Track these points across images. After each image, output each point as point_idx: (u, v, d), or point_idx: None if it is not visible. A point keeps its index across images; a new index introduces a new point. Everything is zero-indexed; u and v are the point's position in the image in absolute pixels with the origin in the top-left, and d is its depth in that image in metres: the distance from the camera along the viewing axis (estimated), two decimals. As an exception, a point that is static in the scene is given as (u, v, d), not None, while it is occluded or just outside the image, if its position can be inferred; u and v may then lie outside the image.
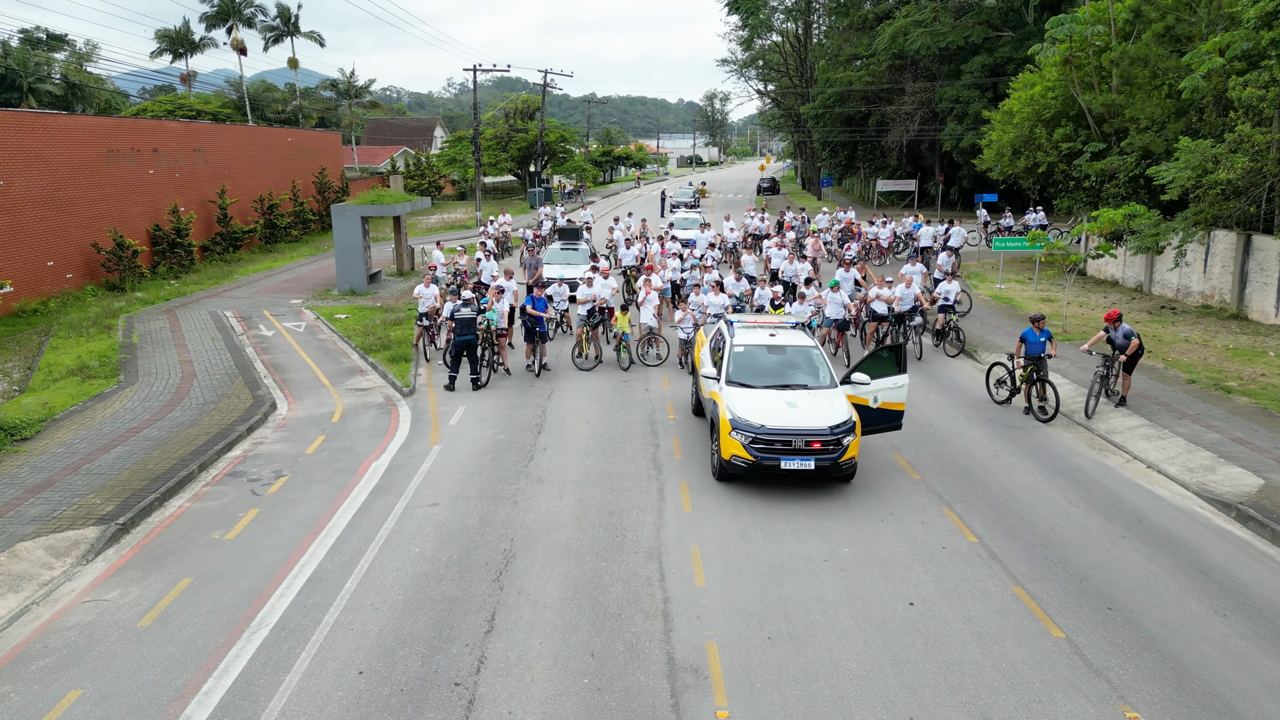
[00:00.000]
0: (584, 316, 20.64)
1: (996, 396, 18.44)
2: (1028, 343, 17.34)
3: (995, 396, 18.46)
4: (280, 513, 12.41)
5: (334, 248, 29.59)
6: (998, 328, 24.58)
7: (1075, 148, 31.75)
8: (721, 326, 15.69)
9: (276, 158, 45.53)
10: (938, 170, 63.58)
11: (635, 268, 28.32)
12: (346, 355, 21.45)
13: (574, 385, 18.92)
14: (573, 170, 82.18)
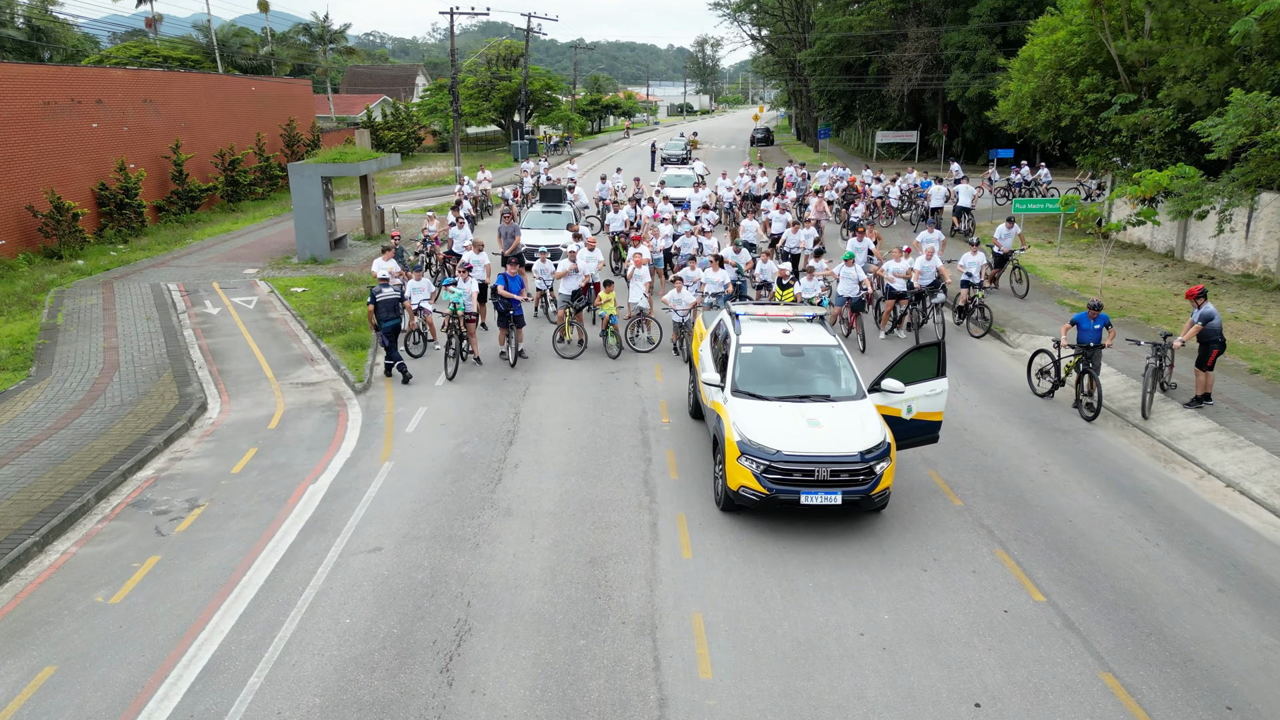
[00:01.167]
0: (567, 297, 18.20)
1: (1038, 388, 16.17)
2: (1080, 328, 15.04)
3: (1036, 388, 16.19)
4: (186, 562, 10.09)
5: (292, 210, 26.91)
6: (1024, 301, 22.24)
7: (1103, 99, 29.14)
8: (724, 318, 13.26)
9: (239, 109, 42.45)
10: (940, 121, 60.74)
11: (624, 233, 25.79)
12: (298, 339, 18.98)
13: (554, 377, 16.55)
14: (559, 120, 78.81)
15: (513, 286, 17.10)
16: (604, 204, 32.89)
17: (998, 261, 22.75)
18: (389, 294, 16.15)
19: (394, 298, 16.21)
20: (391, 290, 16.28)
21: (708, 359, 13.14)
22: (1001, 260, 22.92)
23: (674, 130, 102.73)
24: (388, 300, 16.08)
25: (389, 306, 16.09)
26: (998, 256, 22.73)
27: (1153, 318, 20.43)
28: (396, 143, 63.58)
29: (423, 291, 17.56)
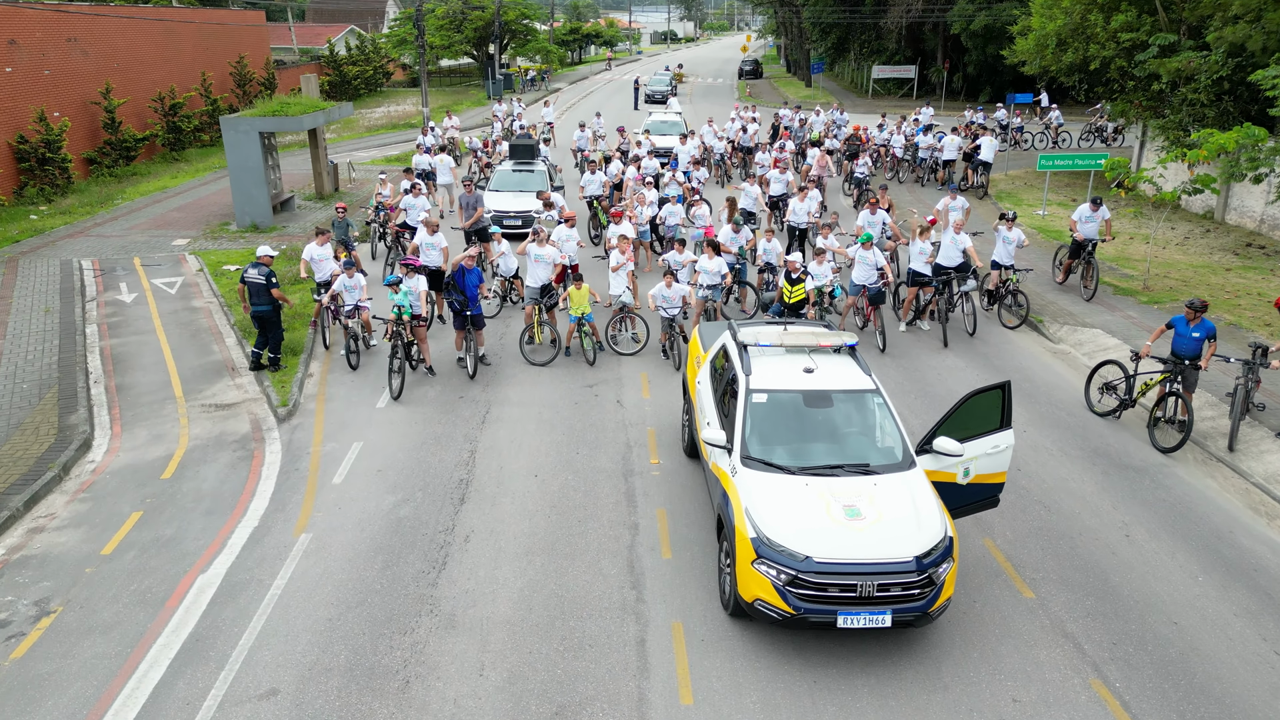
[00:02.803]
0: (535, 291, 15.38)
1: (1098, 406, 13.62)
2: (1176, 335, 12.45)
3: (1096, 406, 13.64)
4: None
5: (228, 172, 23.73)
6: (1060, 284, 19.54)
7: (1138, 40, 26.08)
8: (728, 343, 10.49)
9: (181, 46, 38.63)
10: (940, 56, 57.19)
11: (603, 198, 22.82)
12: (220, 339, 16.13)
13: (520, 394, 13.83)
14: (536, 52, 74.38)
15: (469, 281, 14.27)
16: (582, 155, 29.81)
17: (1073, 250, 18.77)
18: (254, 276, 14.17)
19: (259, 281, 14.13)
20: (258, 273, 14.15)
21: (707, 397, 10.44)
22: (1078, 249, 18.73)
23: (658, 62, 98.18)
24: (252, 283, 14.17)
25: (253, 291, 14.19)
26: (1074, 245, 18.68)
27: (1210, 304, 17.80)
28: (362, 79, 59.50)
29: (356, 290, 14.71)
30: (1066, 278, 19.21)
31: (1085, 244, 18.49)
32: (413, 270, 14.14)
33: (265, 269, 14.12)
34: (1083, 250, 18.56)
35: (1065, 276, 19.19)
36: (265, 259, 14.25)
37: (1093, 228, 18.32)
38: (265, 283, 14.04)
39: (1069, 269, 19.05)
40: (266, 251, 14.35)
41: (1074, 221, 18.48)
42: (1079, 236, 18.44)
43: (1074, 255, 18.77)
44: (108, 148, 32.08)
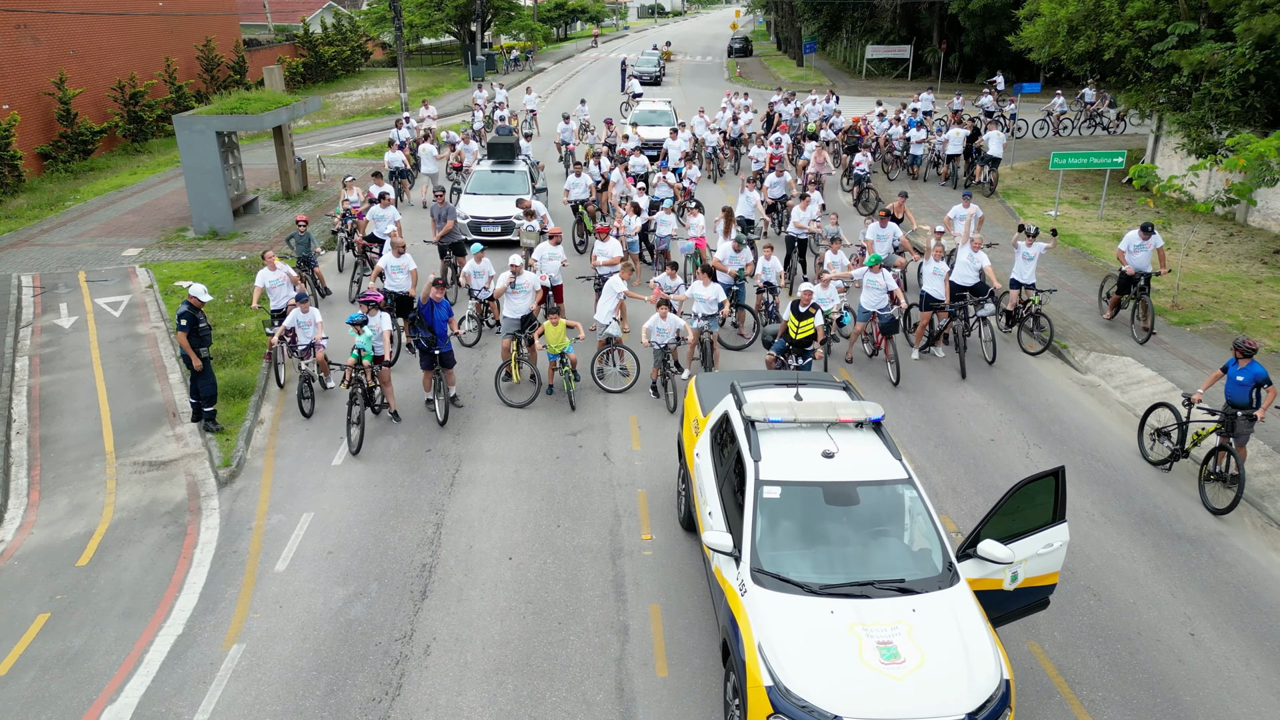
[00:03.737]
0: (514, 323, 13.85)
1: (1151, 454, 12.25)
2: (1228, 379, 11.11)
3: (1149, 454, 12.27)
4: None
5: (184, 174, 21.98)
6: (1075, 294, 18.13)
7: (1156, 29, 24.52)
8: (731, 413, 8.99)
9: (143, 30, 36.57)
10: (936, 36, 55.43)
11: (588, 202, 21.24)
12: (164, 375, 14.56)
13: (495, 446, 12.33)
14: (520, 29, 72.19)
15: (438, 316, 12.73)
16: (566, 149, 28.16)
17: (1122, 284, 16.26)
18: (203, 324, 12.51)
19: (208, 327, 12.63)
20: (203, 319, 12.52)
21: (707, 477, 8.98)
22: (1128, 283, 16.11)
23: (645, 39, 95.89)
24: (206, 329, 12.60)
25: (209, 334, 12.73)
26: (1123, 278, 16.15)
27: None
28: (339, 59, 57.37)
29: (310, 327, 13.16)
30: (1115, 314, 16.73)
31: (1136, 278, 15.93)
32: (375, 307, 12.55)
33: (183, 309, 12.31)
34: (1133, 284, 16.03)
35: (1113, 312, 16.71)
36: (194, 300, 12.37)
37: (1144, 258, 15.84)
38: (176, 325, 12.48)
39: (1117, 304, 16.60)
40: (198, 294, 12.41)
41: (1121, 251, 16.01)
42: (1129, 269, 15.88)
43: (1123, 289, 16.30)
44: (63, 141, 30.20)
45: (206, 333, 12.46)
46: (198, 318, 12.31)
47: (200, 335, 12.34)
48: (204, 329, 12.41)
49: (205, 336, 12.44)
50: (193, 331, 12.24)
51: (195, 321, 12.27)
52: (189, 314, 12.22)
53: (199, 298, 12.36)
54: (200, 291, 12.44)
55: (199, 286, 12.56)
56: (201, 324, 12.37)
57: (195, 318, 12.27)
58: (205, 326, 12.45)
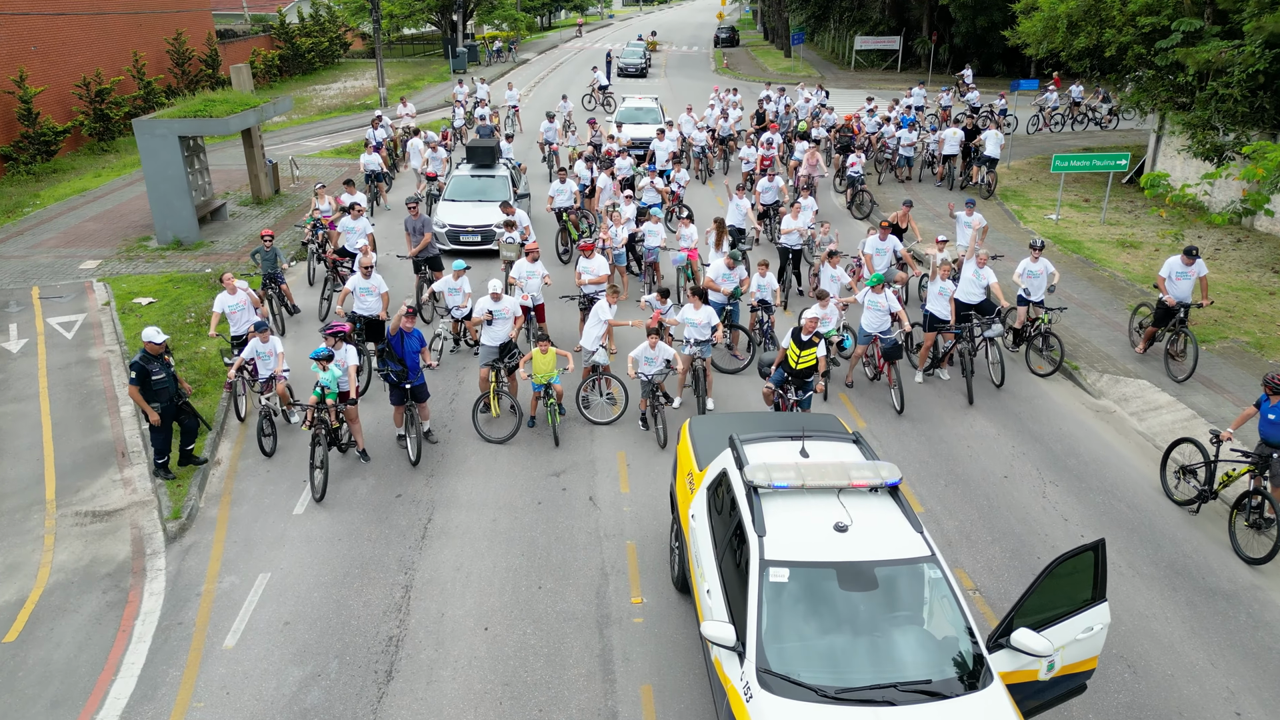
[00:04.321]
0: (493, 351, 12.89)
1: (1176, 493, 11.41)
2: (1261, 417, 10.28)
3: (1174, 493, 11.43)
4: None
5: (145, 182, 20.84)
6: (1083, 307, 17.28)
7: (1159, 25, 23.66)
8: (732, 478, 8.07)
9: (110, 24, 35.20)
10: (926, 26, 54.55)
11: (572, 209, 20.25)
12: (114, 408, 13.53)
13: (471, 491, 11.39)
14: (503, 19, 70.81)
15: (409, 346, 11.76)
16: (549, 149, 27.12)
17: (1160, 316, 14.56)
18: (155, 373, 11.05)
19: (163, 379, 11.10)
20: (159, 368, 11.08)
21: (704, 546, 8.06)
22: (1166, 314, 14.44)
23: (630, 28, 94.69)
24: (157, 382, 11.08)
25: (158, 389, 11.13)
26: (1162, 309, 14.48)
27: (1264, 342, 15.65)
28: (316, 51, 55.94)
29: (271, 358, 12.18)
30: (1148, 347, 15.10)
31: (1177, 309, 14.29)
32: (341, 339, 11.54)
33: (135, 359, 11.04)
34: (1172, 316, 14.42)
35: (1147, 345, 15.08)
36: (148, 345, 11.03)
37: (1186, 287, 14.22)
38: (168, 377, 11.16)
39: (1152, 337, 14.96)
40: (150, 338, 11.02)
41: (1161, 279, 14.42)
42: (1169, 300, 14.25)
43: (1160, 321, 14.62)
44: (24, 142, 28.95)
45: (165, 384, 11.06)
46: (150, 369, 10.94)
47: (154, 388, 11.00)
48: (159, 380, 11.00)
49: (162, 389, 11.04)
50: (144, 384, 10.95)
51: (147, 374, 10.92)
52: (139, 365, 10.92)
53: (152, 341, 10.99)
54: (153, 335, 11.04)
55: (151, 330, 11.12)
56: (155, 374, 10.96)
57: (147, 370, 10.91)
58: (162, 377, 11.02)
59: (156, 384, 10.99)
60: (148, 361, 10.96)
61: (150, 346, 11.00)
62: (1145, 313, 15.55)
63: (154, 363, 11.02)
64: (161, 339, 11.08)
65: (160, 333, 11.10)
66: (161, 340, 11.07)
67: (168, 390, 11.11)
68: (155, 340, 11.01)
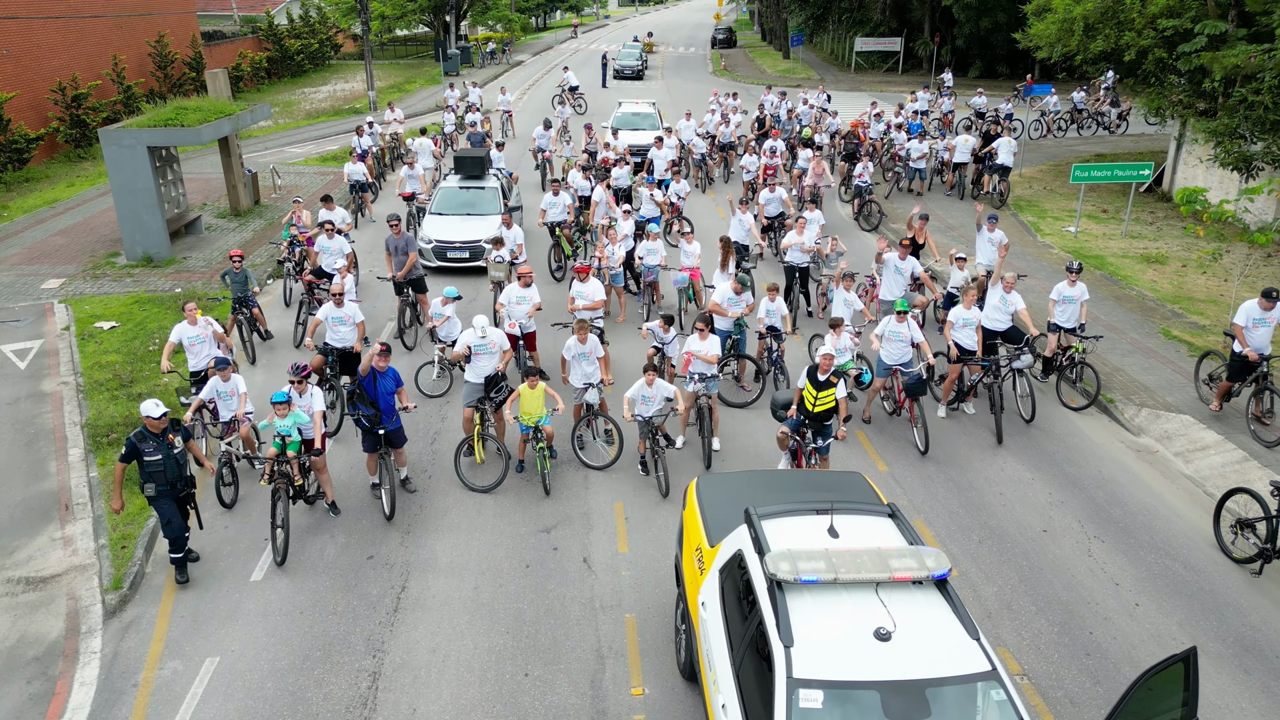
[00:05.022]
0: (478, 388, 11.70)
1: (1234, 550, 10.26)
2: None
3: (1231, 549, 10.28)
4: None
5: (113, 195, 19.62)
6: (1113, 330, 16.13)
7: (1182, 28, 22.54)
8: (751, 568, 6.89)
9: (88, 27, 33.97)
10: (928, 28, 53.44)
11: (565, 224, 19.07)
12: (63, 450, 12.32)
13: (451, 551, 10.20)
14: (497, 19, 69.64)
15: (382, 388, 10.58)
16: (543, 157, 25.92)
17: (1236, 369, 12.55)
18: (150, 454, 9.09)
19: (158, 461, 9.11)
20: (153, 449, 9.09)
21: (717, 642, 6.89)
22: (1246, 367, 12.51)
23: (626, 29, 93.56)
24: (152, 464, 9.11)
25: (154, 471, 9.16)
26: (1240, 362, 12.48)
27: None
28: (306, 53, 54.69)
29: (232, 398, 11.00)
30: (1224, 404, 13.01)
31: (1260, 363, 12.40)
32: (305, 380, 10.35)
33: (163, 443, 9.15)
34: (1253, 370, 12.53)
35: (1222, 403, 12.97)
36: (148, 422, 9.05)
37: (1266, 335, 12.39)
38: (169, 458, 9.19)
39: (1227, 393, 12.90)
40: (149, 413, 9.02)
41: (1238, 328, 12.45)
42: (1250, 353, 12.29)
43: (1237, 376, 12.64)
44: (-6, 149, 27.75)
45: (160, 467, 9.12)
46: (143, 447, 9.02)
47: (151, 471, 9.13)
48: (154, 463, 9.07)
49: (156, 473, 9.14)
50: (130, 458, 9.13)
51: (138, 453, 9.05)
52: (130, 442, 9.08)
53: (149, 416, 9.00)
54: (150, 409, 9.01)
55: (150, 404, 9.03)
56: (150, 455, 9.04)
57: (138, 448, 9.03)
58: (158, 459, 9.08)
59: (150, 466, 9.07)
60: (142, 439, 9.04)
61: (149, 423, 9.04)
62: (1215, 362, 13.83)
63: (149, 441, 9.05)
64: (161, 413, 9.01)
65: (160, 405, 9.06)
66: (161, 414, 9.01)
67: (164, 474, 9.12)
68: (153, 415, 8.99)
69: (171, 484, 9.24)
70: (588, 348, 11.91)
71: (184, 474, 9.35)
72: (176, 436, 9.30)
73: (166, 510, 9.34)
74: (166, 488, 9.22)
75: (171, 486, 9.25)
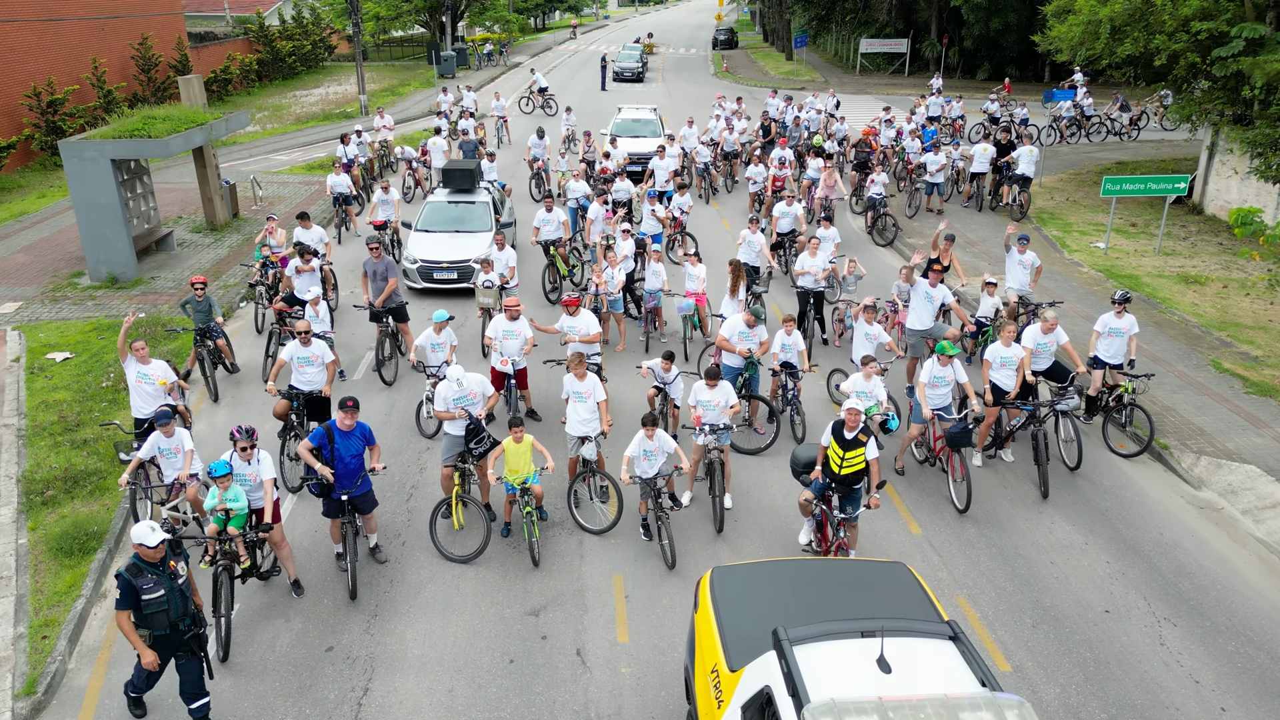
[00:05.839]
0: (459, 442, 10.33)
1: (1323, 650, 8.91)
2: None
3: (1317, 647, 8.93)
4: None
5: (75, 211, 18.24)
6: (1158, 362, 14.75)
7: (1217, 31, 21.18)
8: (778, 703, 5.56)
9: (66, 29, 32.55)
10: (935, 29, 52.06)
11: (560, 242, 17.70)
12: (-8, 508, 10.96)
13: (422, 640, 8.82)
14: (495, 20, 68.32)
15: (346, 449, 9.20)
16: (538, 167, 24.56)
17: None
18: (149, 589, 7.14)
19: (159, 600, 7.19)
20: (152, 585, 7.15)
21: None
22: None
23: (626, 29, 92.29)
24: (152, 601, 7.18)
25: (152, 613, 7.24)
26: None
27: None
28: (298, 54, 53.34)
29: (176, 455, 9.63)
30: None
31: None
32: (251, 444, 8.93)
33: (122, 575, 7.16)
34: None
35: None
36: (143, 551, 7.15)
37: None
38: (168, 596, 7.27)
39: None
40: (142, 539, 7.10)
41: None
42: None
43: None
44: (-38, 158, 26.40)
45: (164, 605, 7.25)
46: (140, 584, 7.15)
47: (152, 612, 7.24)
48: (154, 600, 7.19)
49: (159, 613, 7.26)
50: (131, 601, 7.20)
51: (136, 592, 7.16)
52: (126, 581, 7.14)
53: (144, 545, 7.13)
54: (144, 535, 7.12)
55: (142, 529, 7.14)
56: (149, 592, 7.16)
57: (135, 586, 7.15)
58: (159, 595, 7.19)
59: (150, 606, 7.19)
60: (137, 574, 7.16)
61: (144, 553, 7.16)
62: None
63: (147, 575, 7.19)
64: (158, 540, 7.13)
65: (155, 531, 7.15)
66: (159, 542, 7.13)
67: (168, 614, 7.29)
68: (149, 544, 7.11)
69: (174, 625, 7.33)
70: (585, 387, 10.57)
71: (189, 609, 7.47)
72: (179, 563, 7.41)
73: (190, 669, 7.49)
74: (167, 631, 7.31)
75: (174, 628, 7.34)
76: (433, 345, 12.19)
